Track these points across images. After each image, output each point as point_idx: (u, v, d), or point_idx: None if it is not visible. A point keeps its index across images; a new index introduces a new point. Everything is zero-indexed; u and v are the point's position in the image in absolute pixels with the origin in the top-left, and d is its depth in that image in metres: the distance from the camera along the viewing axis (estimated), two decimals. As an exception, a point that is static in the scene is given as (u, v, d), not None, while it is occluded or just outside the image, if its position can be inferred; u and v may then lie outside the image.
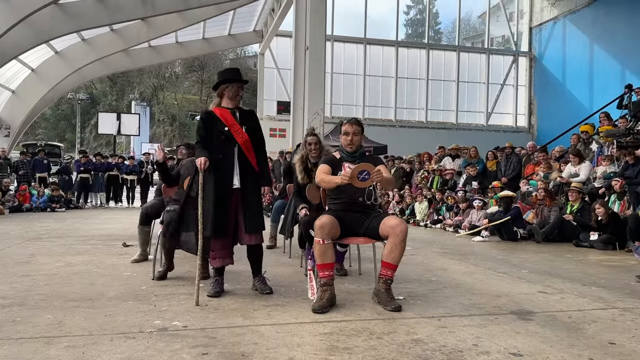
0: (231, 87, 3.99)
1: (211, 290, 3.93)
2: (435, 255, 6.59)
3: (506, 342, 2.93)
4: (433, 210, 11.26)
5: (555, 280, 4.85)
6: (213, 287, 3.97)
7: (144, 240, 5.49)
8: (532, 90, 21.70)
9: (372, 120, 21.33)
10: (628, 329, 3.23)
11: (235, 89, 4.00)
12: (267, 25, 21.63)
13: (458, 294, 4.20)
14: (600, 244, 7.33)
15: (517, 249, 7.47)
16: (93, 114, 43.12)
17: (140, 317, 3.33)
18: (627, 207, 7.77)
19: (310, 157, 4.97)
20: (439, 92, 22.12)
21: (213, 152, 3.89)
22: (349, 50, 21.66)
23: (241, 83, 4.05)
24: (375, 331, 3.09)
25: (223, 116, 3.95)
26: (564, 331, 3.16)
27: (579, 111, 15.36)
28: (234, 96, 4.01)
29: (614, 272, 5.47)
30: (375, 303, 3.74)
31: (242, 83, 4.07)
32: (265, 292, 3.99)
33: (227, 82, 4.00)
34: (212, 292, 3.92)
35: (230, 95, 4.00)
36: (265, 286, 4.04)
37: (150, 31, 17.59)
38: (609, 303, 3.95)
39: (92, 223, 10.33)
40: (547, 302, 3.96)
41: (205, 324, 3.18)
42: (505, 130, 21.54)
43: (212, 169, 3.82)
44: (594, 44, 18.05)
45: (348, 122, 4.05)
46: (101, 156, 16.66)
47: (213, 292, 3.92)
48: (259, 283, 4.08)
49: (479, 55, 22.36)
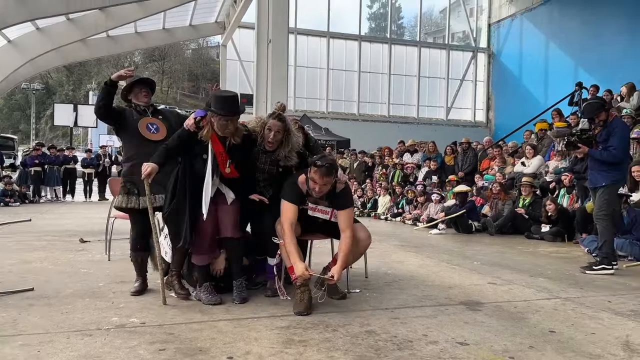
0: (220, 119, 3.52)
1: (209, 300, 3.59)
2: (393, 248, 6.76)
3: (454, 331, 3.08)
4: (393, 204, 11.51)
5: (505, 272, 5.07)
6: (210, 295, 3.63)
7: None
8: (490, 86, 22.29)
9: (335, 114, 21.49)
10: (568, 318, 3.44)
11: (225, 122, 3.53)
12: (229, 17, 21.40)
13: (412, 285, 4.35)
14: (550, 236, 7.67)
15: (471, 241, 7.73)
16: (49, 104, 41.79)
17: (97, 314, 3.33)
18: (575, 201, 8.14)
19: (266, 145, 3.80)
20: (400, 86, 22.43)
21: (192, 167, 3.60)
22: (313, 43, 21.69)
23: (232, 116, 3.55)
24: (331, 324, 3.20)
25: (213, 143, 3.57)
26: (509, 320, 3.34)
27: (534, 107, 15.88)
28: (222, 128, 3.56)
29: (561, 264, 5.75)
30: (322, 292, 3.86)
31: (233, 116, 3.57)
32: (236, 301, 3.63)
33: (214, 113, 3.53)
34: (212, 301, 3.57)
35: (218, 126, 3.55)
36: (238, 294, 3.67)
37: (109, 21, 17.15)
38: (553, 293, 4.17)
39: (48, 218, 10.09)
40: (495, 292, 4.15)
41: (163, 320, 3.22)
42: (464, 125, 22.05)
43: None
44: (549, 42, 18.65)
45: (319, 170, 3.49)
46: (56, 149, 16.23)
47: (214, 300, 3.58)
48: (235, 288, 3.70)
49: (439, 51, 22.77)
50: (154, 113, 4.04)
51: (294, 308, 3.43)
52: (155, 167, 3.48)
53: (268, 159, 3.89)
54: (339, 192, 3.74)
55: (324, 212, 3.78)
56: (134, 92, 4.04)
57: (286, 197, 3.67)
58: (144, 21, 18.69)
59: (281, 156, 3.85)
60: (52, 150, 15.97)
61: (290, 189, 3.69)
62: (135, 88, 4.04)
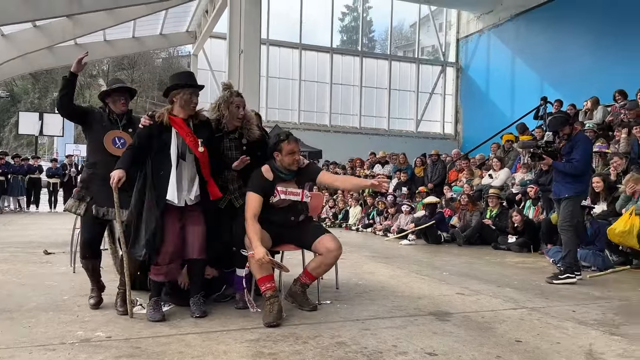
0: (183, 94, 3.58)
1: (152, 315, 3.48)
2: (364, 259, 6.80)
3: (423, 342, 3.11)
4: (364, 215, 11.58)
5: (473, 282, 5.15)
6: (153, 311, 3.50)
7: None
8: (459, 99, 22.69)
9: (307, 125, 21.51)
10: (534, 328, 3.51)
11: (189, 95, 3.58)
12: (200, 27, 21.29)
13: (382, 296, 4.38)
14: (516, 247, 7.84)
15: (440, 251, 7.83)
16: (13, 112, 40.65)
17: (61, 328, 3.25)
18: (540, 212, 8.34)
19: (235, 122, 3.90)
20: (372, 99, 22.64)
21: (154, 165, 3.52)
22: (285, 54, 21.72)
23: (195, 88, 3.65)
24: (301, 336, 3.19)
25: (175, 125, 3.56)
26: (476, 331, 3.39)
27: (501, 120, 16.22)
28: (187, 104, 3.58)
29: (527, 274, 5.87)
30: (290, 304, 3.86)
31: (197, 88, 3.67)
32: (196, 314, 3.56)
33: (178, 88, 3.60)
34: (154, 317, 3.46)
35: (182, 102, 3.58)
36: (197, 308, 3.61)
37: (77, 28, 16.86)
38: (519, 303, 4.25)
39: (11, 229, 9.79)
40: (463, 303, 4.21)
41: (130, 334, 3.15)
42: (433, 137, 22.36)
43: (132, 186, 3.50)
44: (515, 57, 19.13)
45: (293, 140, 3.79)
46: (20, 158, 15.81)
47: (156, 317, 3.46)
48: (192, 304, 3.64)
49: (409, 65, 23.10)
50: (126, 124, 3.90)
51: (264, 319, 3.41)
52: (122, 172, 3.42)
53: (232, 143, 3.92)
54: (303, 167, 3.93)
55: (296, 194, 3.87)
56: (112, 97, 3.89)
57: (250, 187, 3.75)
58: (114, 29, 18.45)
59: (245, 131, 3.94)
60: (16, 160, 15.57)
61: (256, 180, 3.77)
62: (114, 94, 3.90)
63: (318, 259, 3.81)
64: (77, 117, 3.87)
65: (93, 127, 3.84)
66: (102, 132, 3.80)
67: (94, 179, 3.74)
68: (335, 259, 3.85)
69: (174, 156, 3.54)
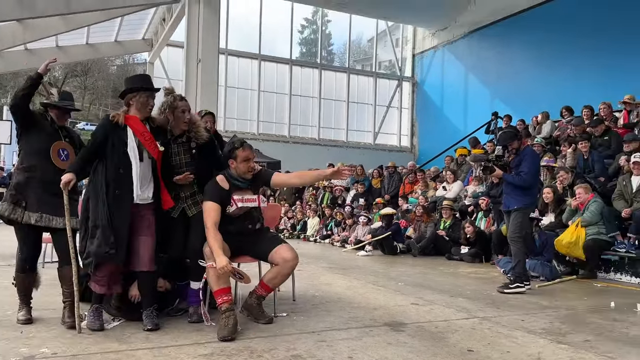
0: (140, 96, 3.60)
1: (91, 323, 3.45)
2: (321, 270, 6.80)
3: (378, 353, 3.13)
4: (322, 226, 11.62)
5: (427, 292, 5.24)
6: (93, 319, 3.47)
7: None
8: (414, 113, 23.17)
9: (266, 136, 21.46)
10: (485, 337, 3.59)
11: (145, 98, 3.62)
12: (157, 35, 20.97)
13: (339, 307, 4.39)
14: (469, 257, 8.04)
15: (396, 262, 7.93)
16: (-44, 118, 38.72)
17: (4, 344, 3.10)
18: (492, 224, 8.58)
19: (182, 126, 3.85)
20: (330, 110, 22.82)
21: (110, 165, 3.49)
22: (244, 64, 21.64)
23: (152, 92, 3.69)
24: (256, 349, 3.15)
25: (132, 125, 3.56)
26: (430, 341, 3.45)
27: (454, 134, 16.66)
28: (143, 106, 3.62)
29: (479, 284, 6.02)
30: (245, 317, 3.82)
31: (153, 91, 3.71)
32: (148, 327, 3.48)
33: (134, 91, 3.61)
34: (93, 326, 3.44)
35: (138, 105, 3.61)
36: (149, 320, 3.52)
37: (27, 33, 16.29)
38: (471, 313, 4.35)
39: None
40: (418, 313, 4.27)
41: (77, 351, 3.04)
42: (390, 150, 22.71)
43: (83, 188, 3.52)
44: (469, 73, 19.73)
45: (248, 147, 3.82)
46: (-36, 166, 15.07)
47: (95, 325, 3.45)
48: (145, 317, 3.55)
49: (367, 78, 23.44)
50: (66, 135, 3.80)
51: (218, 333, 3.35)
52: (72, 175, 3.41)
53: (181, 147, 3.87)
54: (257, 172, 3.94)
55: (252, 200, 3.90)
56: (59, 112, 3.79)
57: (207, 197, 3.74)
58: (66, 35, 17.95)
59: (192, 134, 3.89)
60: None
61: (212, 189, 3.76)
62: (62, 110, 3.80)
63: (275, 269, 3.79)
64: (28, 119, 3.72)
65: (37, 130, 3.70)
66: (47, 139, 3.69)
67: (31, 182, 3.58)
68: (291, 269, 3.84)
69: (132, 154, 3.54)
